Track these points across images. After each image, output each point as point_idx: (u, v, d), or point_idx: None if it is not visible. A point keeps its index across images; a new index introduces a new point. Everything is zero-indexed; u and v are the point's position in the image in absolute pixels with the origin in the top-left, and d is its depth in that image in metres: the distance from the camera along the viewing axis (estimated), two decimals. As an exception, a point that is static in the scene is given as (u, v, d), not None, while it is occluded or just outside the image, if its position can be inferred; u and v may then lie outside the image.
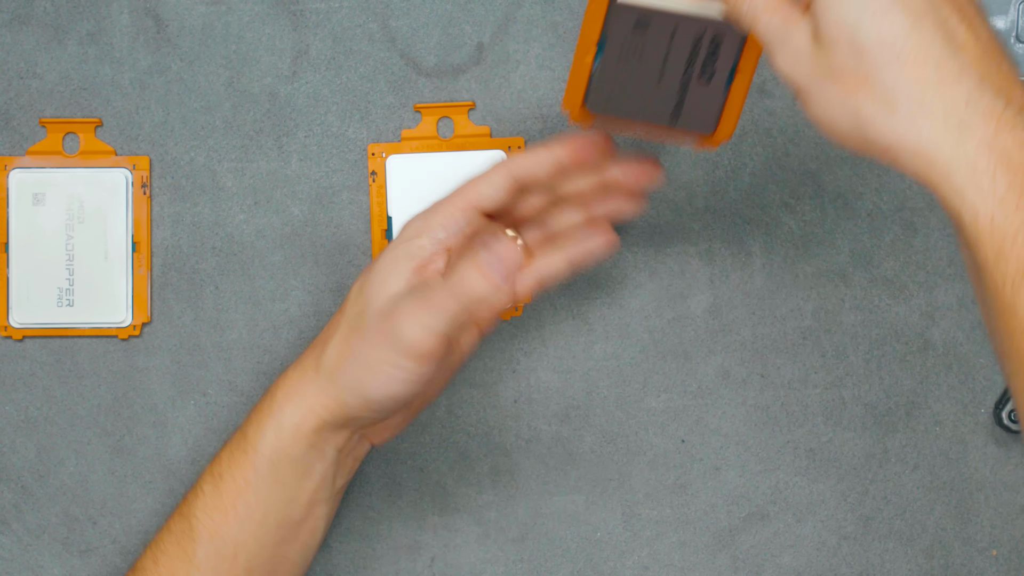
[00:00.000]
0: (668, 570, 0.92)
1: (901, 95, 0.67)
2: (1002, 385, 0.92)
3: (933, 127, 0.66)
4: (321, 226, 0.92)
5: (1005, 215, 0.65)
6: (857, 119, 0.68)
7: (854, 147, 0.69)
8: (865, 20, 0.67)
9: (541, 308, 0.92)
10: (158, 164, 0.92)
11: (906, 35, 0.67)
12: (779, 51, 0.70)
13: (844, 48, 0.68)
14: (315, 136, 0.92)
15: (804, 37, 0.69)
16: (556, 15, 0.91)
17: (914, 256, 0.92)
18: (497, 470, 0.92)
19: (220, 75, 0.91)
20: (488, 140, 0.91)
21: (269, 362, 0.92)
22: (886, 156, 0.68)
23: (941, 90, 0.67)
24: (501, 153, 0.91)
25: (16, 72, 0.91)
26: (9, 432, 0.92)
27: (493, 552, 0.92)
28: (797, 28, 0.70)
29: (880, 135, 0.67)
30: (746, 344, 0.92)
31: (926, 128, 0.66)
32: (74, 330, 0.91)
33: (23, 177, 0.91)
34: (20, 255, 0.91)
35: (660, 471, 0.92)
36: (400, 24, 0.92)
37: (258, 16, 0.91)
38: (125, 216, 0.91)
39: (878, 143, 0.68)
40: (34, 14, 0.91)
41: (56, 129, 0.91)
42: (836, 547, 0.92)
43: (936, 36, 0.67)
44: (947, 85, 0.67)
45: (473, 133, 0.91)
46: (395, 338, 0.78)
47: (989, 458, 0.92)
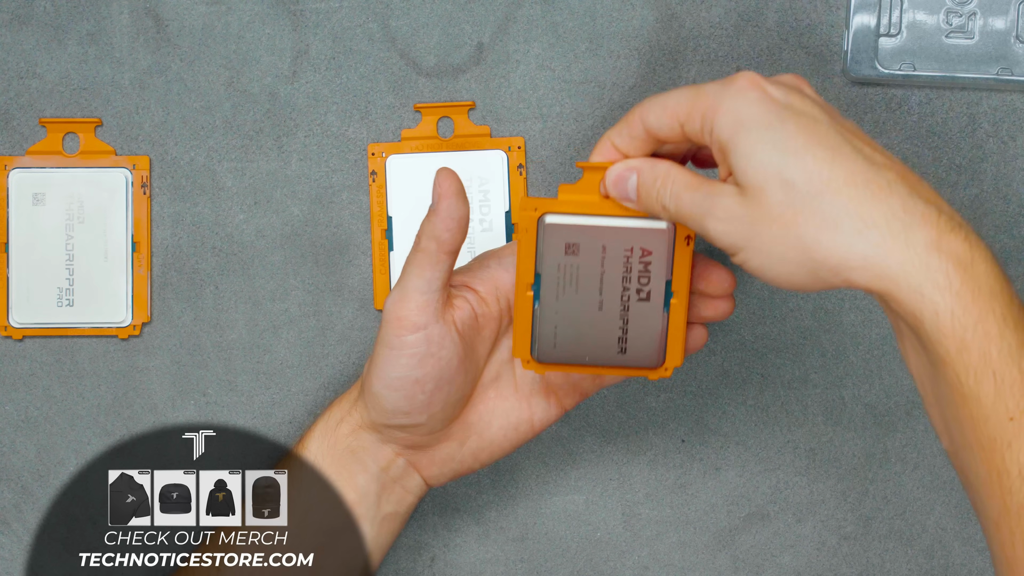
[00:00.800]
0: (668, 570, 0.92)
1: (841, 214, 0.69)
2: (1002, 385, 0.92)
3: (879, 235, 0.69)
4: (321, 226, 0.92)
5: (964, 308, 0.68)
6: (802, 248, 0.70)
7: (803, 280, 0.71)
8: (788, 161, 0.70)
9: (541, 308, 0.92)
10: (158, 164, 0.92)
11: (830, 164, 0.70)
12: (710, 219, 0.72)
13: (774, 188, 0.70)
14: (315, 136, 0.92)
15: (730, 197, 0.71)
16: (556, 15, 0.91)
17: (914, 256, 0.92)
18: (497, 470, 0.92)
19: (220, 75, 0.91)
20: (488, 140, 0.91)
21: (269, 362, 0.92)
22: (838, 276, 0.70)
23: (877, 203, 0.69)
24: (501, 154, 0.91)
25: (16, 72, 0.91)
26: (9, 432, 0.92)
27: (493, 552, 0.92)
28: (720, 193, 0.72)
29: (828, 255, 0.69)
30: (746, 344, 0.92)
31: (873, 237, 0.69)
32: (74, 330, 0.91)
33: (23, 177, 0.91)
34: (20, 255, 0.91)
35: (660, 471, 0.92)
36: (400, 24, 0.91)
37: (258, 16, 0.91)
38: (125, 216, 0.91)
39: (827, 263, 0.69)
40: (34, 14, 0.91)
41: (56, 129, 0.91)
42: (836, 547, 0.92)
43: (857, 160, 0.70)
44: (880, 199, 0.69)
45: (473, 133, 0.91)
46: (383, 318, 0.80)
47: (989, 458, 0.92)
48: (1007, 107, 0.91)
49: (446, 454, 0.83)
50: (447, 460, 0.83)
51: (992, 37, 0.90)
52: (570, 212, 0.79)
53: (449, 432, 0.82)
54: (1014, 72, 0.90)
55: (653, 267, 0.78)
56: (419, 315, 0.79)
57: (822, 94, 0.91)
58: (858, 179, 0.70)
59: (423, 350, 0.79)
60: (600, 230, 0.78)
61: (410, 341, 0.79)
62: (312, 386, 0.92)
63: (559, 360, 0.80)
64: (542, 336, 0.80)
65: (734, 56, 0.91)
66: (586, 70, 0.91)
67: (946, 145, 0.91)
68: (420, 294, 0.79)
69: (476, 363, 0.82)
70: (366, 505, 0.82)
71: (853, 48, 0.90)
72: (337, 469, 0.83)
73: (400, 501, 0.84)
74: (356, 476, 0.82)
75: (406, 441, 0.82)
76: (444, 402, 0.81)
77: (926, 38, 0.90)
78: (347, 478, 0.82)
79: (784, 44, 0.91)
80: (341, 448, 0.82)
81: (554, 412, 0.83)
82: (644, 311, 0.79)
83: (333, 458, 0.83)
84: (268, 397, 0.92)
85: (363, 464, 0.82)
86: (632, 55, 0.91)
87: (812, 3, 0.91)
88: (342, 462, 0.83)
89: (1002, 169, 0.92)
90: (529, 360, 0.80)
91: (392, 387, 0.80)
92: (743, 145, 0.71)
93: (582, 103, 0.91)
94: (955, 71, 0.90)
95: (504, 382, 0.83)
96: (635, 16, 0.91)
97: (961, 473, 0.72)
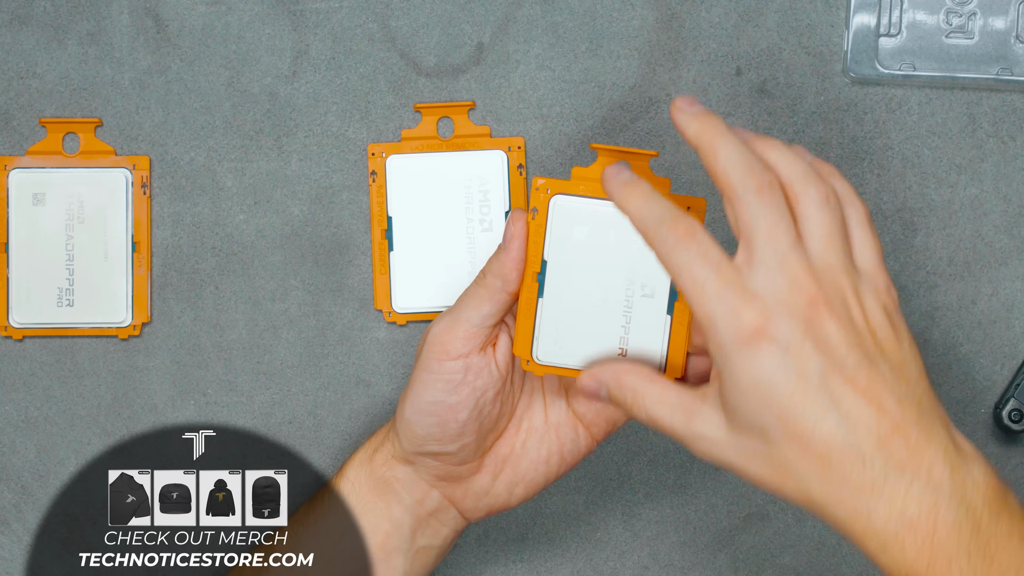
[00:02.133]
0: (668, 570, 0.92)
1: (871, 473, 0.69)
2: (1002, 385, 0.92)
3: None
4: (321, 226, 0.92)
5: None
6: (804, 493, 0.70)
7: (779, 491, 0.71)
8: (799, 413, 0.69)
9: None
10: (158, 164, 0.92)
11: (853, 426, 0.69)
12: (697, 442, 0.72)
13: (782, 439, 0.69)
14: (315, 136, 0.92)
15: (714, 419, 0.71)
16: (556, 15, 0.91)
17: (914, 256, 0.92)
18: (497, 470, 0.92)
19: (220, 75, 0.91)
20: (488, 140, 0.91)
21: (269, 362, 0.92)
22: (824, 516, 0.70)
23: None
24: (501, 154, 0.91)
25: (16, 72, 0.91)
26: (9, 432, 0.92)
27: (493, 552, 0.92)
28: (701, 416, 0.72)
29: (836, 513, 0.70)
30: (746, 344, 0.92)
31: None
32: (74, 330, 0.91)
33: (23, 177, 0.91)
34: (20, 255, 0.91)
35: (660, 471, 0.92)
36: (400, 24, 0.91)
37: (258, 16, 0.91)
38: (125, 216, 0.91)
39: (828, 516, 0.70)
40: (34, 14, 0.91)
41: (56, 129, 0.91)
42: (836, 547, 0.92)
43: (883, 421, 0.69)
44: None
45: (473, 133, 0.91)
46: (423, 345, 0.79)
47: (989, 458, 0.92)
48: (1007, 107, 0.91)
49: (480, 487, 0.82)
50: (481, 494, 0.82)
51: (992, 37, 0.90)
52: (582, 194, 0.78)
53: (482, 464, 0.82)
54: (1014, 72, 0.90)
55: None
56: (464, 345, 0.78)
57: (822, 94, 0.91)
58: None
59: (460, 377, 0.78)
60: (611, 214, 0.77)
61: (449, 367, 0.78)
62: (312, 386, 0.92)
63: (560, 363, 0.79)
64: (543, 335, 0.79)
65: (734, 56, 0.91)
66: (586, 70, 0.91)
67: (946, 145, 0.91)
68: (471, 326, 0.78)
69: (512, 397, 0.81)
70: (400, 537, 0.82)
71: (853, 48, 0.90)
72: (374, 498, 0.82)
73: (435, 534, 0.83)
74: (392, 507, 0.82)
75: (438, 471, 0.81)
76: (476, 431, 0.80)
77: (926, 38, 0.90)
78: (383, 508, 0.82)
79: (784, 44, 0.91)
80: (376, 478, 0.82)
81: (583, 444, 0.82)
82: (647, 310, 0.79)
83: (370, 487, 0.82)
84: (268, 397, 0.92)
85: (398, 495, 0.82)
86: (632, 55, 0.91)
87: (812, 3, 0.91)
88: (379, 491, 0.82)
89: (1002, 169, 0.92)
90: (529, 360, 0.79)
91: (425, 412, 0.79)
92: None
93: (582, 103, 0.91)
94: (955, 71, 0.90)
95: (535, 412, 0.82)
96: (635, 16, 0.91)
97: None
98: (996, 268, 0.92)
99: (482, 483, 0.82)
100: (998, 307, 0.92)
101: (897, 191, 0.92)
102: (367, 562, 0.82)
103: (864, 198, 0.91)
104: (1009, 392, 0.90)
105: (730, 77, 0.91)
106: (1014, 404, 0.90)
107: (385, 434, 0.83)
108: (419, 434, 0.79)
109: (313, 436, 0.92)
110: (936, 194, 0.92)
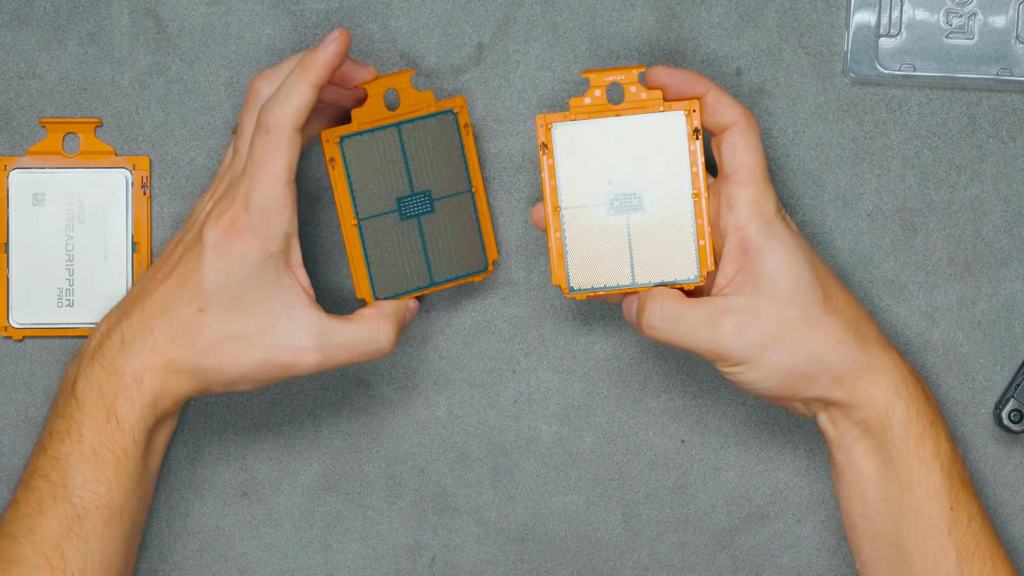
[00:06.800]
0: (668, 570, 0.92)
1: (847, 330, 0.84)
2: (1002, 385, 0.92)
3: (880, 348, 0.85)
4: (321, 226, 0.92)
5: (918, 413, 0.84)
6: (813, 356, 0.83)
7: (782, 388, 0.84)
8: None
9: (541, 308, 0.92)
10: (158, 164, 0.92)
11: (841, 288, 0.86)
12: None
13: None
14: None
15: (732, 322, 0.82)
16: (556, 15, 0.91)
17: (914, 256, 0.92)
18: (497, 470, 0.92)
19: (220, 75, 0.91)
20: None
21: (269, 362, 0.92)
22: (824, 385, 0.84)
23: (871, 324, 0.85)
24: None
25: (16, 72, 0.91)
26: (9, 432, 0.92)
27: (493, 552, 0.92)
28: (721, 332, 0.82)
29: (835, 365, 0.84)
30: (746, 344, 0.92)
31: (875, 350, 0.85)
32: (74, 330, 0.91)
33: (23, 177, 0.91)
34: (20, 255, 0.91)
35: (660, 471, 0.92)
36: (400, 24, 0.92)
37: (258, 16, 0.91)
38: (125, 216, 0.91)
39: (832, 372, 0.84)
40: (34, 14, 0.91)
41: (56, 129, 0.91)
42: (836, 547, 0.92)
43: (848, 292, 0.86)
44: (867, 320, 0.86)
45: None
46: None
47: (989, 458, 0.92)
48: (1007, 107, 0.91)
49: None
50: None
51: (992, 37, 0.90)
52: (580, 118, 0.83)
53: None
54: (1014, 72, 0.90)
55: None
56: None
57: (822, 94, 0.91)
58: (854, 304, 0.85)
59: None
60: (610, 125, 0.82)
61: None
62: (312, 386, 0.92)
63: (592, 287, 0.84)
64: (572, 263, 0.84)
65: (734, 56, 0.91)
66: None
67: (946, 145, 0.92)
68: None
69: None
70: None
71: (853, 48, 0.90)
72: (159, 432, 0.85)
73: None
74: (167, 425, 0.86)
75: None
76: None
77: (926, 38, 0.90)
78: (165, 434, 0.86)
79: (784, 44, 0.91)
80: (163, 416, 0.85)
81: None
82: (664, 208, 0.83)
83: (160, 427, 0.85)
84: (268, 397, 0.92)
85: (174, 416, 0.86)
86: (632, 55, 0.91)
87: (812, 3, 0.91)
88: (165, 424, 0.86)
89: (1002, 169, 0.92)
90: (570, 290, 0.85)
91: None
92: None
93: (582, 103, 0.91)
94: (955, 71, 0.90)
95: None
96: (635, 16, 0.91)
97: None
98: (996, 268, 0.92)
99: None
100: (998, 307, 0.92)
101: (897, 191, 0.92)
102: (152, 479, 0.86)
103: (864, 198, 0.92)
104: (1009, 392, 0.91)
105: (730, 77, 0.91)
106: (1014, 404, 0.90)
107: (175, 388, 0.84)
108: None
109: (313, 436, 0.92)
110: (936, 194, 0.92)
